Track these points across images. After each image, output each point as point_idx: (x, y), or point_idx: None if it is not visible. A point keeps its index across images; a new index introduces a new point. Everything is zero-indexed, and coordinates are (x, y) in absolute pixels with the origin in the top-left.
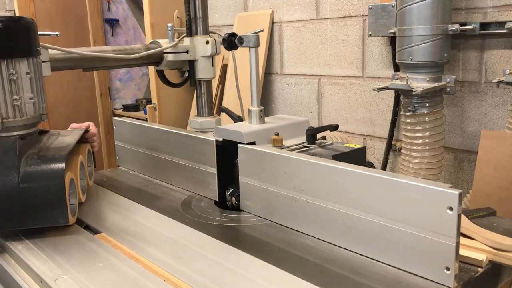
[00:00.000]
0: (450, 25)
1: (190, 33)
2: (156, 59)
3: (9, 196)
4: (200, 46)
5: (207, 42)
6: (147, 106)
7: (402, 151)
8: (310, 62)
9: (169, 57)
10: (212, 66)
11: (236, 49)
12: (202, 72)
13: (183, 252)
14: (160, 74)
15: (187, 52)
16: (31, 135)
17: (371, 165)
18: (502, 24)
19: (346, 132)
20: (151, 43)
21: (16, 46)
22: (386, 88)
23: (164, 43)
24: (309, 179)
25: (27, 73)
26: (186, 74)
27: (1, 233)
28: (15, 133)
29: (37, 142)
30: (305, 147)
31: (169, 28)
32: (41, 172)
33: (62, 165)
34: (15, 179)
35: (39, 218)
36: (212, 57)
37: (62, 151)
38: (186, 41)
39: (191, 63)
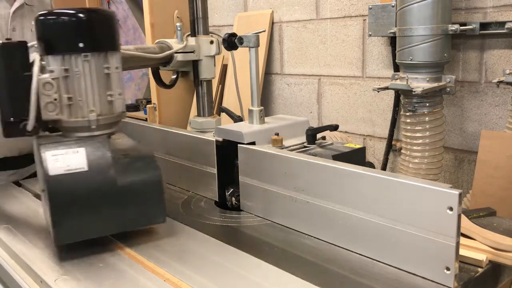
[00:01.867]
0: (450, 25)
1: (194, 33)
2: (165, 60)
3: (108, 198)
4: (204, 46)
5: (211, 42)
6: (147, 106)
7: (402, 151)
8: (310, 62)
9: (179, 57)
10: (214, 66)
11: (236, 49)
12: (206, 72)
13: (183, 252)
14: (156, 75)
15: (193, 52)
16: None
17: (371, 165)
18: (502, 24)
19: (346, 132)
20: (158, 42)
21: (110, 39)
22: (386, 88)
23: (173, 43)
24: (309, 179)
25: (117, 68)
26: (175, 75)
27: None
28: (106, 131)
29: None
30: (305, 147)
31: (179, 28)
32: (138, 171)
33: (157, 163)
34: (112, 179)
35: (138, 218)
36: (213, 57)
37: (147, 151)
38: (192, 41)
39: (195, 63)
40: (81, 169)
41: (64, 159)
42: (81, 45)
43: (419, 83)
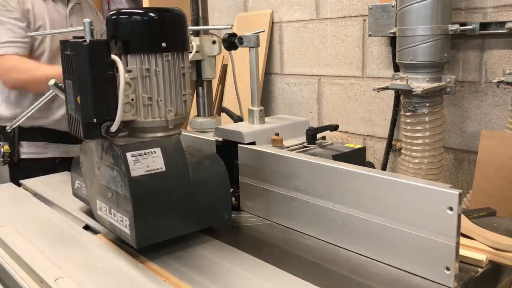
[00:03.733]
0: (450, 25)
1: (197, 33)
2: None
3: (184, 198)
4: (207, 46)
5: (214, 42)
6: None
7: (402, 151)
8: (310, 62)
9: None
10: (215, 66)
11: (236, 49)
12: (208, 72)
13: (183, 252)
14: None
15: (198, 51)
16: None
17: (371, 165)
18: (502, 24)
19: (346, 132)
20: None
21: (185, 38)
22: (386, 88)
23: None
24: (309, 179)
25: (188, 68)
26: None
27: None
28: (178, 131)
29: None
30: (305, 147)
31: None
32: (208, 169)
33: (221, 161)
34: (188, 178)
35: (208, 216)
36: (215, 56)
37: (208, 150)
38: (196, 40)
39: (198, 63)
40: (159, 169)
41: (143, 160)
42: (163, 44)
43: (419, 83)
